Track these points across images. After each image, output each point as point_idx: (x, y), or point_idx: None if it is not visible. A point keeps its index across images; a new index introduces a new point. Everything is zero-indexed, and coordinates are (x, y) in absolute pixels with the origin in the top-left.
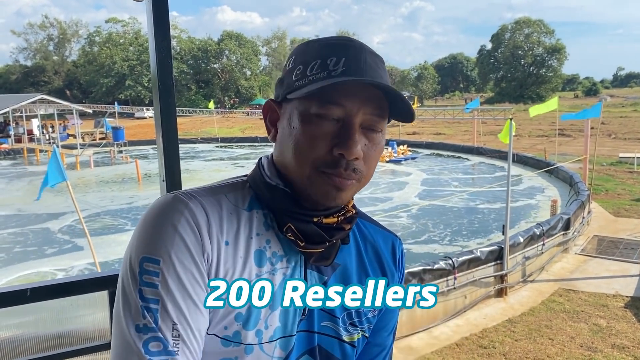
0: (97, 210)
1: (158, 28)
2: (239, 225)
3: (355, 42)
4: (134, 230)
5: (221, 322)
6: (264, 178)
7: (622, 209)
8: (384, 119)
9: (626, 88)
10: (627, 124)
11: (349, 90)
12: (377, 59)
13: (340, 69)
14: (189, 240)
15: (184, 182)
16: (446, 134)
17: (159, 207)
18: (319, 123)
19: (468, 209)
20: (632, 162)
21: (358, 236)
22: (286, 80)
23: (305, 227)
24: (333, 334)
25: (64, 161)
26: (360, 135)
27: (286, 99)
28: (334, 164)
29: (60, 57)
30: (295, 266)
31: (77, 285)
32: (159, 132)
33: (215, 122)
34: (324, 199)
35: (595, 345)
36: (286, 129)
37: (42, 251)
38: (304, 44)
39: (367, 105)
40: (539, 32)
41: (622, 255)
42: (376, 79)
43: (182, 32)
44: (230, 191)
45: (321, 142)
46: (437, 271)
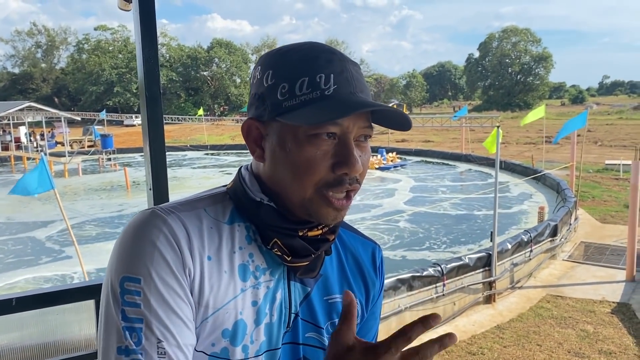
0: (86, 219)
1: (145, 36)
2: (221, 240)
3: (336, 52)
4: (113, 248)
5: (208, 339)
6: (247, 193)
7: (609, 215)
8: (372, 127)
9: (612, 96)
10: (613, 131)
11: None
12: (357, 67)
13: (332, 88)
14: (168, 257)
15: (173, 190)
16: (435, 141)
17: (136, 224)
18: (316, 143)
19: (457, 215)
20: (618, 169)
21: (338, 244)
22: (269, 99)
23: (292, 242)
24: (318, 345)
25: (52, 169)
26: (355, 148)
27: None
28: (337, 183)
29: (48, 64)
30: (278, 278)
31: (64, 295)
32: (146, 140)
33: (204, 129)
34: (324, 220)
35: (583, 351)
36: (278, 151)
37: (28, 260)
38: (276, 54)
39: (360, 119)
40: (526, 40)
41: (609, 262)
42: (363, 90)
43: (171, 40)
44: (210, 204)
45: (321, 162)
46: (426, 278)
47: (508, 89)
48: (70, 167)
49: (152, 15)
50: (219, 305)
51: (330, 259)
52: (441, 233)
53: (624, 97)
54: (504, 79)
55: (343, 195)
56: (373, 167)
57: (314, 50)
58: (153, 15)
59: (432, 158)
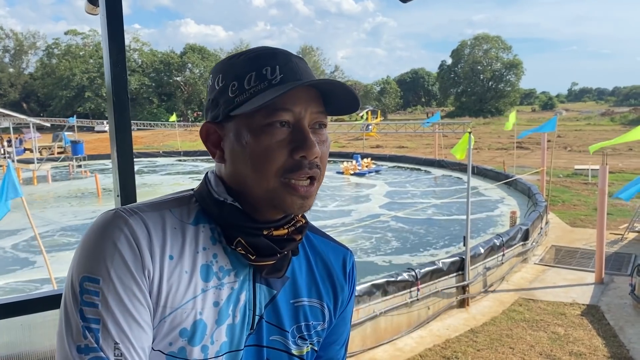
0: (55, 226)
1: (113, 41)
2: (184, 240)
3: (279, 50)
4: (76, 248)
5: (166, 338)
6: (211, 193)
7: (578, 219)
8: (326, 114)
9: (580, 102)
10: (581, 137)
11: (293, 94)
12: (303, 61)
13: (279, 77)
14: (128, 258)
15: (145, 197)
16: (409, 147)
17: (99, 225)
18: (271, 132)
19: (431, 220)
20: (587, 174)
21: (308, 249)
22: (222, 100)
23: (256, 241)
24: (282, 348)
25: (20, 176)
26: (312, 134)
27: (228, 117)
28: (297, 168)
29: (16, 69)
30: (243, 280)
31: (31, 304)
32: (113, 147)
33: (177, 135)
34: (291, 209)
35: (554, 353)
36: (236, 147)
37: None
38: (225, 62)
39: (311, 105)
40: (497, 47)
41: (579, 265)
42: (310, 78)
43: (144, 45)
44: (175, 206)
45: (279, 150)
46: (401, 283)
47: (480, 95)
48: (39, 174)
49: (120, 19)
50: (176, 305)
51: (300, 263)
52: (415, 237)
53: (592, 104)
54: (476, 86)
55: (307, 182)
56: (348, 173)
57: (258, 50)
58: (120, 19)
59: (406, 163)
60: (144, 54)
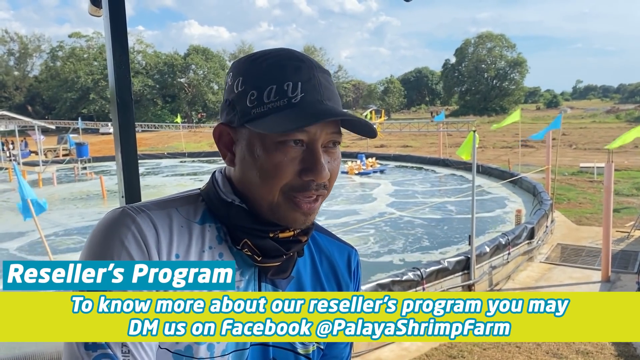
0: (60, 228)
1: (116, 42)
2: (191, 239)
3: (305, 60)
4: (84, 246)
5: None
6: (219, 194)
7: (584, 217)
8: (341, 133)
9: (585, 100)
10: (586, 134)
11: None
12: (326, 75)
13: (299, 96)
14: (135, 255)
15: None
16: (413, 146)
17: (106, 222)
18: (283, 150)
19: (436, 219)
20: (592, 172)
21: (313, 248)
22: (239, 106)
23: (262, 243)
24: (288, 347)
25: (26, 178)
26: (323, 155)
27: (243, 125)
28: (303, 188)
29: (21, 72)
30: (249, 279)
31: None
32: (117, 148)
33: (182, 136)
34: (293, 224)
35: (561, 351)
36: (247, 156)
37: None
38: (247, 61)
39: (328, 126)
40: (501, 46)
41: (584, 263)
42: (331, 98)
43: (147, 47)
44: (182, 204)
45: (288, 168)
46: (406, 282)
47: (484, 94)
48: (44, 177)
49: (123, 20)
50: None
51: (304, 262)
52: (421, 236)
53: (597, 101)
54: (480, 84)
55: (311, 199)
56: (353, 173)
57: (283, 58)
58: (123, 20)
59: (410, 163)
60: (147, 55)
